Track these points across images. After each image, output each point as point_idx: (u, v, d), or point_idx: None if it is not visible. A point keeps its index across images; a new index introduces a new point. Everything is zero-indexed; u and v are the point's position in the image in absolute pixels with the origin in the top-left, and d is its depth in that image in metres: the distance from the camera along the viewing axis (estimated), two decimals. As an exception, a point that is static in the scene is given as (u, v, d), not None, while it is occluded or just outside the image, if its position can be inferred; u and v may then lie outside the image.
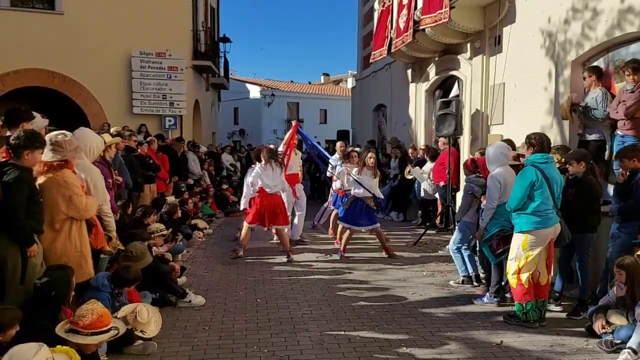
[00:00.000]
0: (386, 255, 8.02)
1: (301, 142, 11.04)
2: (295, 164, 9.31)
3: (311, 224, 10.29)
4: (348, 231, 8.04)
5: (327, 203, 10.13)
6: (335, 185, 9.10)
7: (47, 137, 4.47)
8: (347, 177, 8.18)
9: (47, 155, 4.40)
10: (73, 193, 4.43)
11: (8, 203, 3.92)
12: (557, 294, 5.67)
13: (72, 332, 3.61)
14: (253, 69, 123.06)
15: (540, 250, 5.02)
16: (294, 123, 9.68)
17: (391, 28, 11.78)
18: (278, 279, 6.81)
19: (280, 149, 9.00)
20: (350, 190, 8.17)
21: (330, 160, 9.60)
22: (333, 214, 9.45)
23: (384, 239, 8.22)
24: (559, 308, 5.49)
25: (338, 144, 10.72)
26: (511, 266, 5.14)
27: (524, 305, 5.04)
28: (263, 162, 7.94)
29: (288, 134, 9.41)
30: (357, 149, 10.64)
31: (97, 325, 3.63)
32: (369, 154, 8.40)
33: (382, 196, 8.55)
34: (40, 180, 4.39)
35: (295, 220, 9.14)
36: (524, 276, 5.03)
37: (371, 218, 8.04)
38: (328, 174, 10.05)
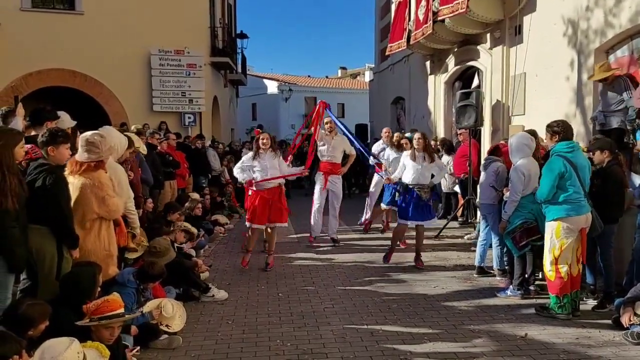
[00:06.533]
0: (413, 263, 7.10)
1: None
2: (337, 150, 8.26)
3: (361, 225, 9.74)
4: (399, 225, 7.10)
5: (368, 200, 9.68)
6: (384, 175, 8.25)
7: (81, 137, 4.54)
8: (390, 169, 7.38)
9: (82, 155, 4.46)
10: (106, 194, 4.51)
11: (58, 206, 4.00)
12: (592, 287, 5.56)
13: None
14: (270, 64, 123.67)
15: (573, 239, 4.91)
16: (319, 102, 8.38)
17: (409, 20, 11.70)
18: (299, 272, 6.84)
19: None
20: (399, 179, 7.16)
21: (373, 148, 8.95)
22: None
23: (421, 241, 7.09)
24: (596, 302, 5.36)
25: (384, 129, 9.79)
26: (547, 257, 5.03)
27: (561, 298, 4.96)
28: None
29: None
30: (408, 134, 9.63)
31: (103, 310, 3.63)
32: (416, 135, 7.22)
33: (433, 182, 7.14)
34: (75, 179, 4.46)
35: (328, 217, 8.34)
36: (564, 269, 4.92)
37: (422, 213, 6.91)
38: (371, 162, 9.23)
